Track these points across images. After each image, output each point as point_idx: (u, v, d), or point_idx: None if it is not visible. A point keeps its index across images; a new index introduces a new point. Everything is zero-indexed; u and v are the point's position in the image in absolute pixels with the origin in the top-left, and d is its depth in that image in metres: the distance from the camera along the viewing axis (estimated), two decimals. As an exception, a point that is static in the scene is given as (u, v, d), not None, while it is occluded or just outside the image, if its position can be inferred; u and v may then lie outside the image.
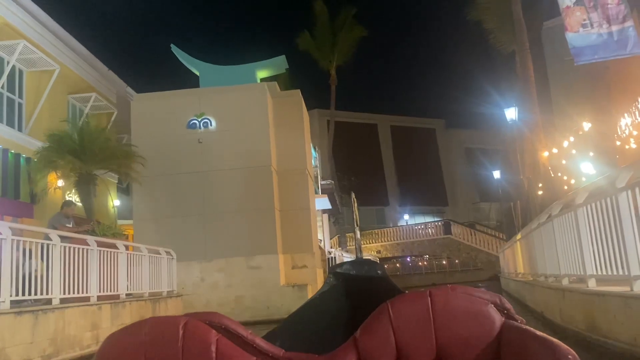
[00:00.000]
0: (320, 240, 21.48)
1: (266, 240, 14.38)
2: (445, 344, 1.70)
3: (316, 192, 19.10)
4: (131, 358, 1.77)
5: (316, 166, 20.75)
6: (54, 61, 16.66)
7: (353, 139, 44.16)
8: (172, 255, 13.86)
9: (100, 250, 9.81)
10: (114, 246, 10.68)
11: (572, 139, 13.98)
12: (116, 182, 19.57)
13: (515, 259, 15.34)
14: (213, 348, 1.77)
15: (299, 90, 16.24)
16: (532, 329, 1.69)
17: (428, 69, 75.39)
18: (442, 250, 32.21)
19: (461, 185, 50.01)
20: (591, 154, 13.05)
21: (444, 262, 36.65)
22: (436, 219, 37.32)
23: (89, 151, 11.18)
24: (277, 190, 15.13)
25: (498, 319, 1.74)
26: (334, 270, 2.70)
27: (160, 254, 13.15)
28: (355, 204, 24.92)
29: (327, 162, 32.35)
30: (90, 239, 9.69)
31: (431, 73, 74.61)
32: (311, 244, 15.34)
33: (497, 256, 26.97)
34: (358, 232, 24.65)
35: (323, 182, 21.61)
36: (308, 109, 18.39)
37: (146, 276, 12.01)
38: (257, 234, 14.38)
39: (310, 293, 14.37)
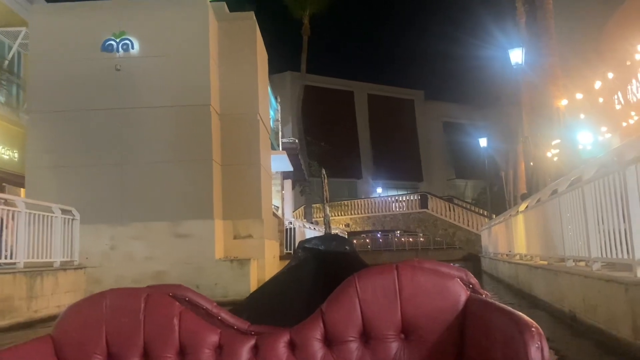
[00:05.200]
0: (277, 207, 18.34)
1: (200, 200, 11.25)
2: (411, 317, 1.69)
3: (274, 149, 15.91)
4: (91, 330, 1.70)
5: (277, 120, 17.52)
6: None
7: (327, 105, 41.68)
8: (73, 215, 10.71)
9: None
10: (-40, 196, 7.44)
11: (610, 75, 10.59)
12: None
13: (509, 237, 12.60)
14: (176, 321, 1.72)
15: (252, 12, 12.83)
16: (496, 302, 1.63)
17: (410, 29, 71.29)
18: (416, 226, 29.55)
19: (437, 160, 48.76)
20: (618, 107, 10.06)
21: (417, 239, 34.33)
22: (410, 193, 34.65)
23: None
24: (219, 139, 11.94)
25: (463, 293, 1.69)
26: (302, 245, 2.55)
27: (53, 212, 9.96)
28: (326, 180, 24.34)
29: (295, 125, 29.45)
30: None
31: (413, 34, 70.35)
32: (260, 208, 12.22)
33: (477, 234, 24.42)
34: (327, 209, 24.38)
35: (285, 140, 18.43)
36: (279, 72, 15.14)
37: (22, 240, 8.80)
38: (188, 193, 11.23)
39: (255, 270, 11.40)
